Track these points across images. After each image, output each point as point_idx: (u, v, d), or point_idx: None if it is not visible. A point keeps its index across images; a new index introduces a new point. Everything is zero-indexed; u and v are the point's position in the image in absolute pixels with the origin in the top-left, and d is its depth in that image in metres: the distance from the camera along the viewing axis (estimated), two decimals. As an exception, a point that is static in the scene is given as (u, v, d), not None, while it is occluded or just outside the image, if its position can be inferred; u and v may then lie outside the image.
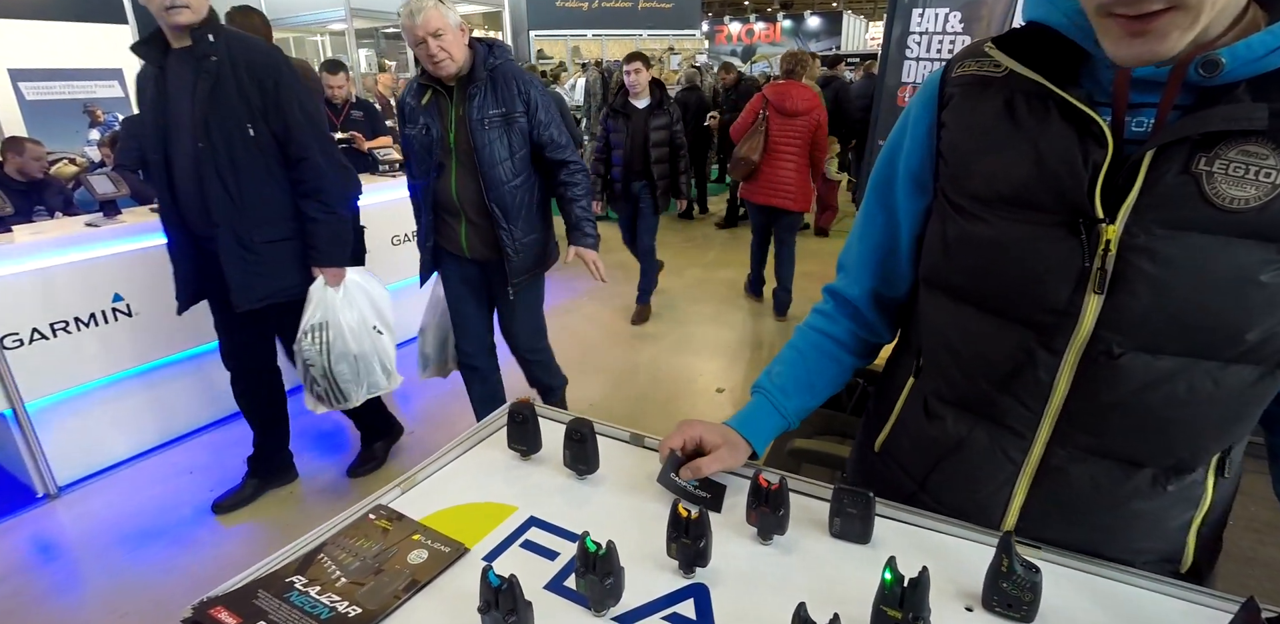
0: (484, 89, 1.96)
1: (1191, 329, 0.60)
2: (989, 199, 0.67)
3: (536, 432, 0.87)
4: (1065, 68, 0.63)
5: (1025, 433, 0.70)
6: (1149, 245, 0.59)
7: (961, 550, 0.72)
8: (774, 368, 0.89)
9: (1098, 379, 0.64)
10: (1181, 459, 0.66)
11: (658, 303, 4.43)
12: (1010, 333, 0.67)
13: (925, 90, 0.74)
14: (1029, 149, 0.64)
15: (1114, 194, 0.60)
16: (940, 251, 0.73)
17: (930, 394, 0.78)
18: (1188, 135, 0.57)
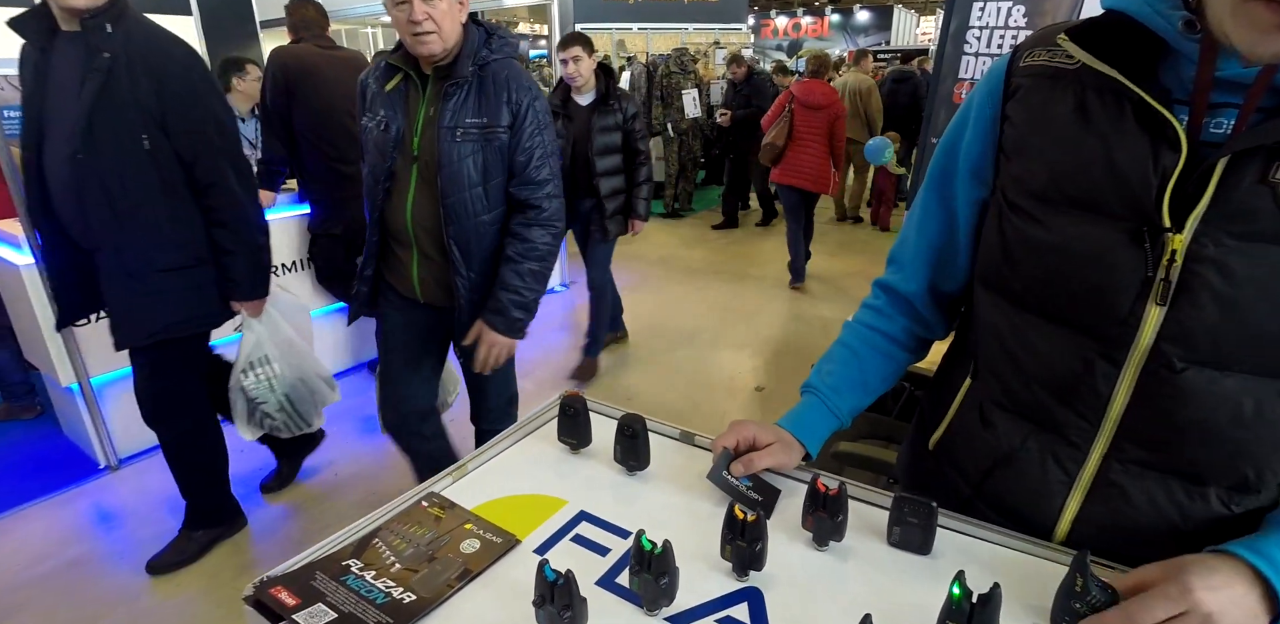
0: (467, 88, 1.48)
1: (1261, 346, 0.57)
2: (1052, 200, 0.65)
3: (587, 425, 0.86)
4: (1144, 62, 0.60)
5: (1081, 444, 0.67)
6: (1218, 257, 0.56)
7: (1026, 565, 0.69)
8: (824, 366, 0.87)
9: (1158, 393, 0.61)
10: (1246, 478, 0.63)
11: (705, 298, 4.40)
12: (1069, 341, 0.65)
13: (989, 79, 0.71)
14: (1099, 150, 0.61)
15: (1184, 202, 0.57)
16: (999, 253, 0.71)
17: (985, 399, 0.76)
18: (1265, 143, 0.53)
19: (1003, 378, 0.73)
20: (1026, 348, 0.70)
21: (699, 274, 4.98)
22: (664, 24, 10.38)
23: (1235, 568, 0.55)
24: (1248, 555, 0.55)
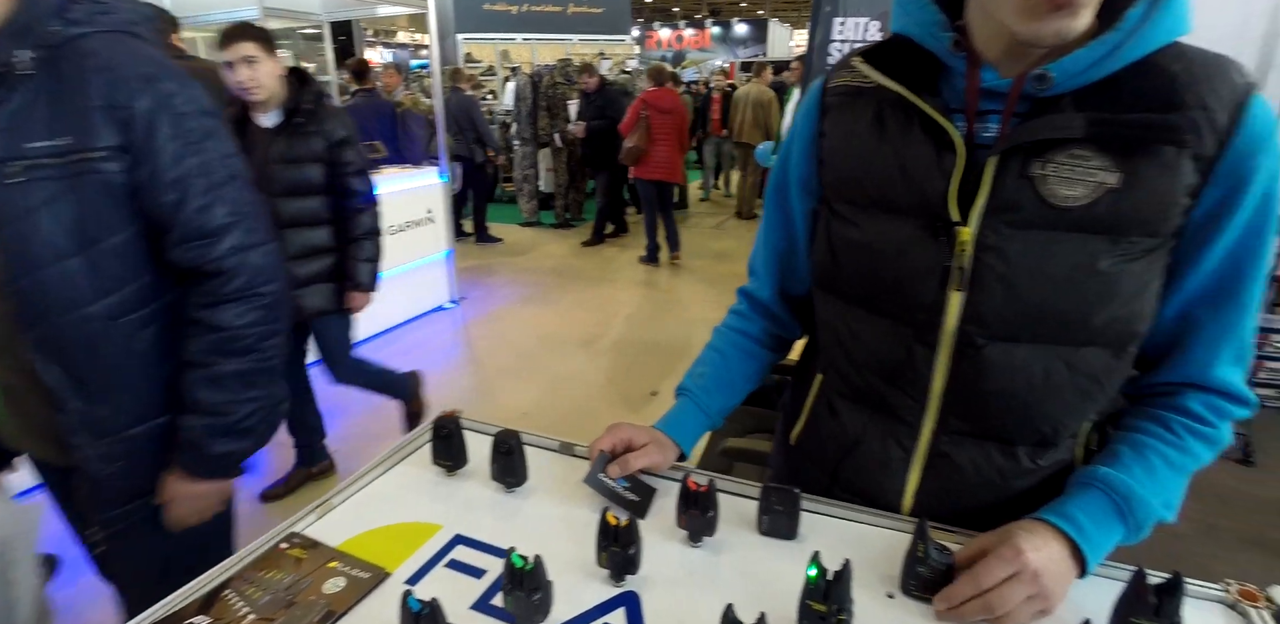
0: (24, 90, 0.83)
1: (1042, 318, 0.64)
2: (861, 204, 0.72)
3: (462, 446, 0.84)
4: (925, 78, 0.67)
5: (913, 422, 0.74)
6: (998, 244, 0.64)
7: (881, 539, 0.74)
8: (696, 369, 0.91)
9: (967, 369, 0.69)
10: (1045, 435, 0.71)
11: (600, 306, 4.43)
12: (890, 330, 0.72)
13: (808, 100, 0.78)
14: (894, 158, 0.68)
15: (967, 198, 0.64)
16: (827, 255, 0.77)
17: (831, 391, 0.82)
18: (1021, 143, 0.61)
19: (842, 369, 0.80)
20: (857, 339, 0.76)
21: (593, 283, 5.00)
22: (548, 35, 10.39)
23: (1049, 531, 0.63)
24: (1055, 520, 0.63)
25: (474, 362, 3.69)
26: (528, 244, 6.06)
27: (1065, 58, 0.60)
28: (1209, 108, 0.59)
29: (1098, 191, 0.60)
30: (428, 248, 4.19)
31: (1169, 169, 0.60)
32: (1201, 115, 0.59)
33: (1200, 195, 0.61)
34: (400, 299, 4.05)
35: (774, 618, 0.60)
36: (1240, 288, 0.65)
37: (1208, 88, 0.59)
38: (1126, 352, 0.68)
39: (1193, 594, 0.66)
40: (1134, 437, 0.69)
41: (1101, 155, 0.60)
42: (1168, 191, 0.60)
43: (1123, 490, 0.64)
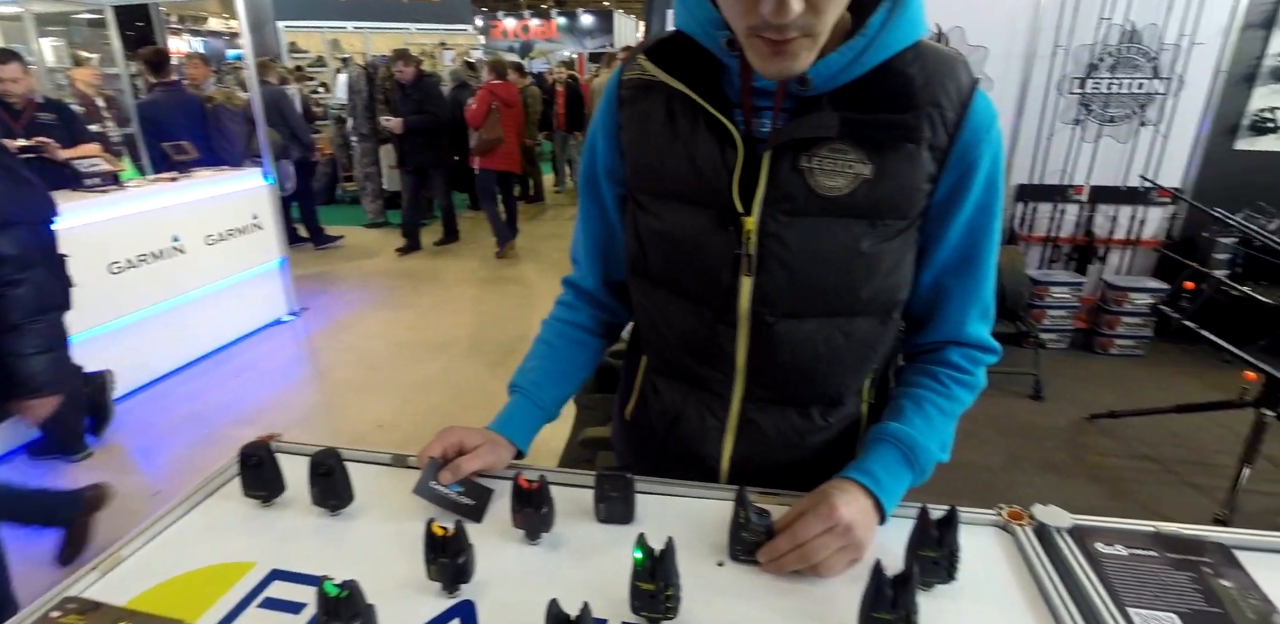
0: None
1: (819, 295, 0.72)
2: (662, 196, 0.75)
3: (276, 473, 0.78)
4: (707, 74, 0.70)
5: (723, 394, 0.80)
6: (777, 231, 0.69)
7: (711, 510, 0.77)
8: (527, 364, 0.91)
9: (764, 344, 0.75)
10: (832, 396, 0.80)
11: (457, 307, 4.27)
12: (696, 312, 0.77)
13: (607, 92, 0.79)
14: (685, 152, 0.71)
15: (749, 190, 0.69)
16: (635, 242, 0.80)
17: (652, 370, 0.87)
18: (789, 139, 0.67)
19: (659, 349, 0.84)
20: (668, 321, 0.80)
21: (448, 283, 4.83)
22: (383, 23, 9.76)
23: (855, 487, 0.69)
24: (859, 477, 0.70)
25: (319, 376, 3.45)
26: (374, 246, 5.72)
27: (820, 62, 0.64)
28: (940, 105, 0.67)
29: (855, 182, 0.67)
30: (256, 257, 3.85)
31: (911, 161, 0.68)
32: (935, 112, 0.67)
33: (938, 181, 0.70)
34: (228, 315, 3.70)
35: (611, 602, 0.62)
36: (978, 258, 0.75)
37: (939, 87, 0.67)
38: (891, 318, 0.77)
39: (972, 521, 0.75)
40: (912, 391, 0.79)
41: (856, 149, 0.67)
42: (911, 180, 0.68)
43: (908, 441, 0.73)
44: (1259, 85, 3.38)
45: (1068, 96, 3.49)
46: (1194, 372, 3.26)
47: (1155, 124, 3.46)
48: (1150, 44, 3.35)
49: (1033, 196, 3.66)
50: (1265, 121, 3.40)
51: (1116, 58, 3.40)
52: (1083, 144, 3.54)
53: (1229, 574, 0.66)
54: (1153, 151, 3.49)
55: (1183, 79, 3.38)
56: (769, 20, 0.57)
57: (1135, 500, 2.36)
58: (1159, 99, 3.43)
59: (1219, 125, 3.44)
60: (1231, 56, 3.32)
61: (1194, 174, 3.51)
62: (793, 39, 0.59)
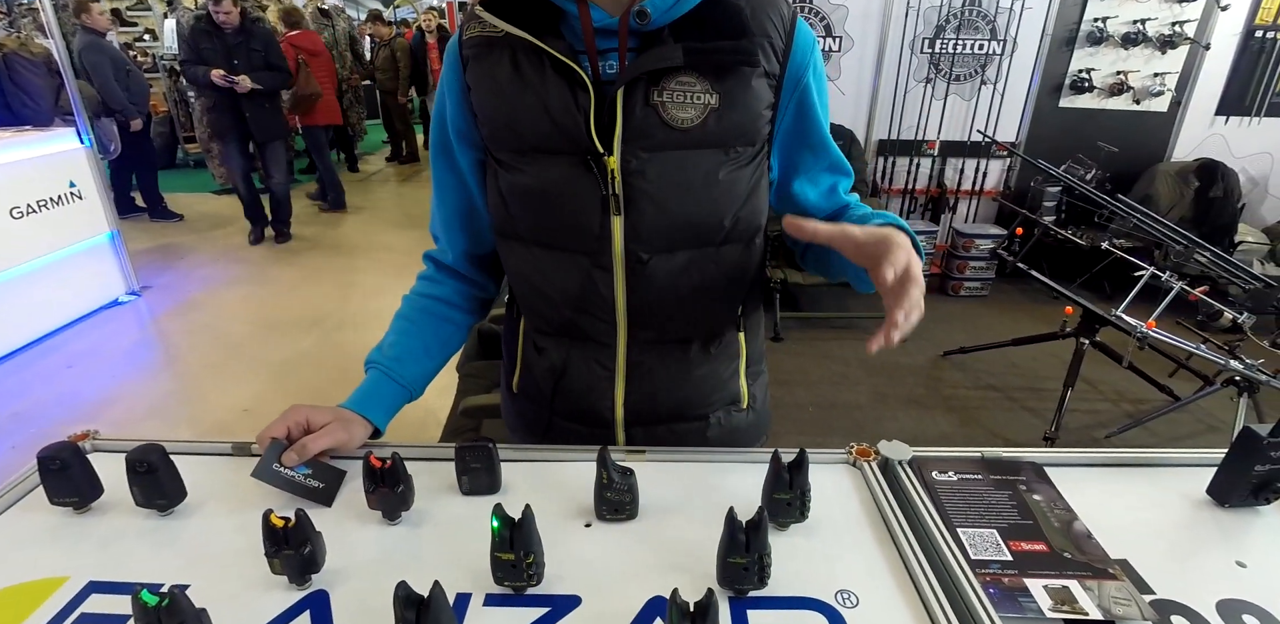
0: None
1: (686, 227, 0.74)
2: (523, 151, 0.74)
3: (87, 475, 0.69)
4: (546, 22, 0.69)
5: (608, 342, 0.80)
6: (639, 168, 0.70)
7: (580, 473, 0.76)
8: (386, 340, 0.87)
9: (640, 283, 0.76)
10: (713, 328, 0.83)
11: (328, 278, 3.99)
12: (572, 262, 0.76)
13: (449, 54, 0.77)
14: (538, 102, 0.70)
15: (606, 131, 0.69)
16: (500, 203, 0.78)
17: (532, 331, 0.86)
18: (638, 75, 0.68)
19: (538, 309, 0.83)
20: (544, 277, 0.79)
21: (320, 253, 4.50)
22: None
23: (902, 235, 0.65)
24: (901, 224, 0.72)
25: (171, 362, 3.14)
26: (227, 215, 5.17)
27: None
28: (769, 35, 0.70)
29: (705, 112, 0.69)
30: (79, 231, 3.40)
31: (750, 88, 0.70)
32: (764, 41, 0.70)
33: (777, 107, 0.74)
34: (51, 299, 3.27)
35: (476, 575, 0.61)
36: (839, 159, 0.81)
37: (766, 17, 0.70)
38: (754, 244, 0.80)
39: (825, 461, 0.79)
40: (851, 212, 0.82)
41: (702, 80, 0.69)
42: (754, 107, 0.71)
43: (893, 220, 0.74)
44: (1078, 48, 3.71)
45: (919, 56, 3.68)
46: (1029, 308, 3.65)
47: (993, 83, 3.74)
48: (989, 7, 3.58)
49: (891, 151, 3.88)
50: (1083, 81, 3.76)
51: (960, 19, 3.61)
52: (934, 102, 3.77)
53: (1040, 489, 0.74)
54: (991, 109, 3.78)
55: (1015, 41, 3.65)
56: None
57: (983, 426, 2.63)
58: (996, 59, 3.69)
59: (1046, 84, 3.77)
60: (1055, 21, 3.62)
61: (1025, 129, 3.85)
62: None
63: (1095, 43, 3.68)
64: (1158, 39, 3.66)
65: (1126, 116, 3.82)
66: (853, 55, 3.68)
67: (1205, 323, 3.03)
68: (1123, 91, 3.76)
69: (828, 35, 3.63)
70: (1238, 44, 3.69)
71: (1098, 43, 3.68)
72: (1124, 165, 3.73)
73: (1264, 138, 3.87)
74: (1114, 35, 3.66)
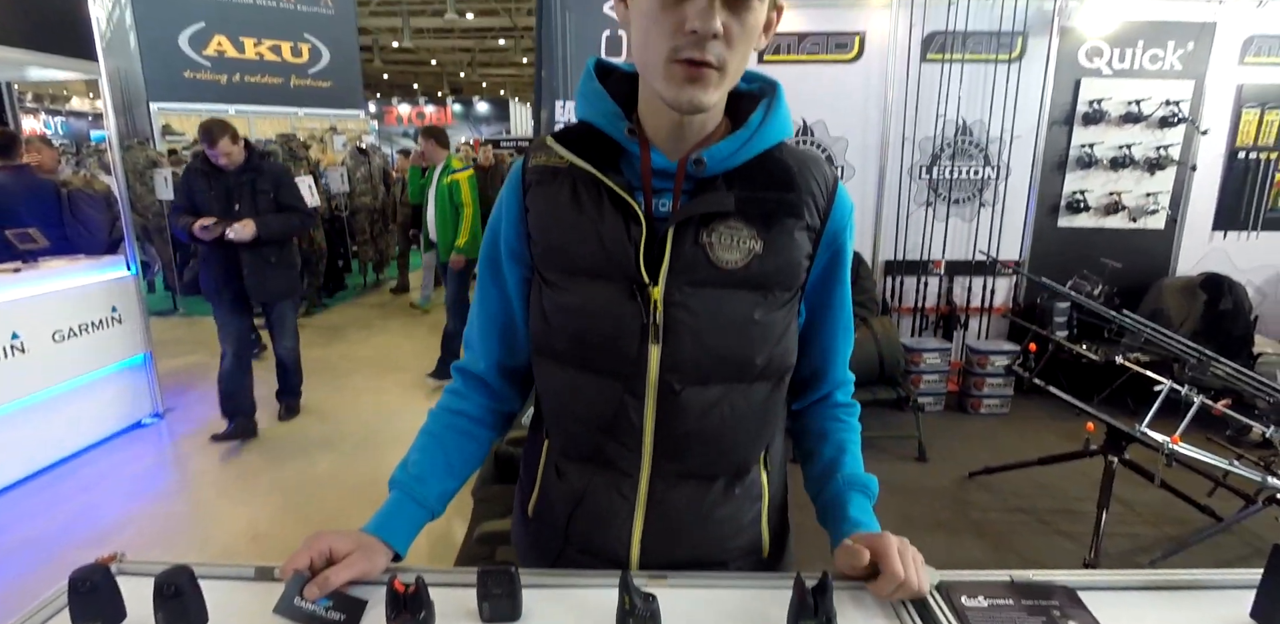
0: None
1: (721, 361, 0.77)
2: (569, 271, 0.79)
3: (114, 599, 0.70)
4: (610, 159, 0.78)
5: (631, 471, 0.81)
6: (681, 301, 0.75)
7: (602, 599, 0.75)
8: (410, 457, 0.88)
9: (671, 413, 0.78)
10: (739, 465, 0.84)
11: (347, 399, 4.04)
12: (604, 385, 0.78)
13: (511, 178, 0.84)
14: (592, 230, 0.76)
15: (654, 263, 0.75)
16: (542, 320, 0.82)
17: (556, 454, 0.86)
18: (690, 216, 0.74)
19: (566, 430, 0.84)
20: (576, 398, 0.81)
21: (334, 374, 4.57)
22: (268, 107, 9.64)
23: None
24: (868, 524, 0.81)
25: (185, 486, 3.11)
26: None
27: (713, 147, 0.74)
28: (813, 193, 0.78)
29: (749, 256, 0.75)
30: (115, 354, 3.52)
31: (792, 238, 0.77)
32: (808, 198, 0.78)
33: (814, 259, 0.81)
34: (79, 420, 3.31)
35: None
36: (850, 320, 0.88)
37: (811, 177, 0.78)
38: (783, 383, 0.84)
39: (851, 586, 0.77)
40: (832, 437, 0.90)
41: (749, 226, 0.75)
42: (794, 255, 0.78)
43: (862, 482, 0.85)
44: (1069, 171, 3.96)
45: (918, 181, 3.94)
46: (1053, 425, 3.57)
47: (992, 205, 3.95)
48: (980, 137, 3.88)
49: (898, 271, 4.02)
50: (1078, 202, 3.97)
51: (955, 148, 3.90)
52: (935, 223, 3.97)
53: (1075, 615, 0.71)
54: (993, 229, 3.97)
55: (1009, 167, 3.91)
56: (698, 28, 0.65)
57: (1016, 552, 2.49)
58: (992, 183, 3.93)
59: (1043, 205, 3.98)
60: (1044, 148, 3.90)
61: (1028, 248, 4.00)
62: (707, 66, 0.68)
63: (1085, 166, 3.92)
64: (1145, 162, 3.88)
65: (1125, 234, 3.97)
66: (855, 182, 3.94)
67: (1236, 437, 2.95)
68: (1118, 211, 3.94)
69: (830, 165, 3.92)
70: (1223, 164, 3.91)
71: (1087, 166, 3.91)
72: (1129, 280, 3.83)
73: (1265, 251, 3.98)
74: (1102, 159, 3.89)
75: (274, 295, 3.45)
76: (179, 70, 9.19)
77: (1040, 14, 3.71)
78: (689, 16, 0.65)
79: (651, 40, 0.69)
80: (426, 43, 18.77)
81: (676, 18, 0.66)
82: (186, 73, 9.27)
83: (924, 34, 3.73)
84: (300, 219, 3.44)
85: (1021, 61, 3.77)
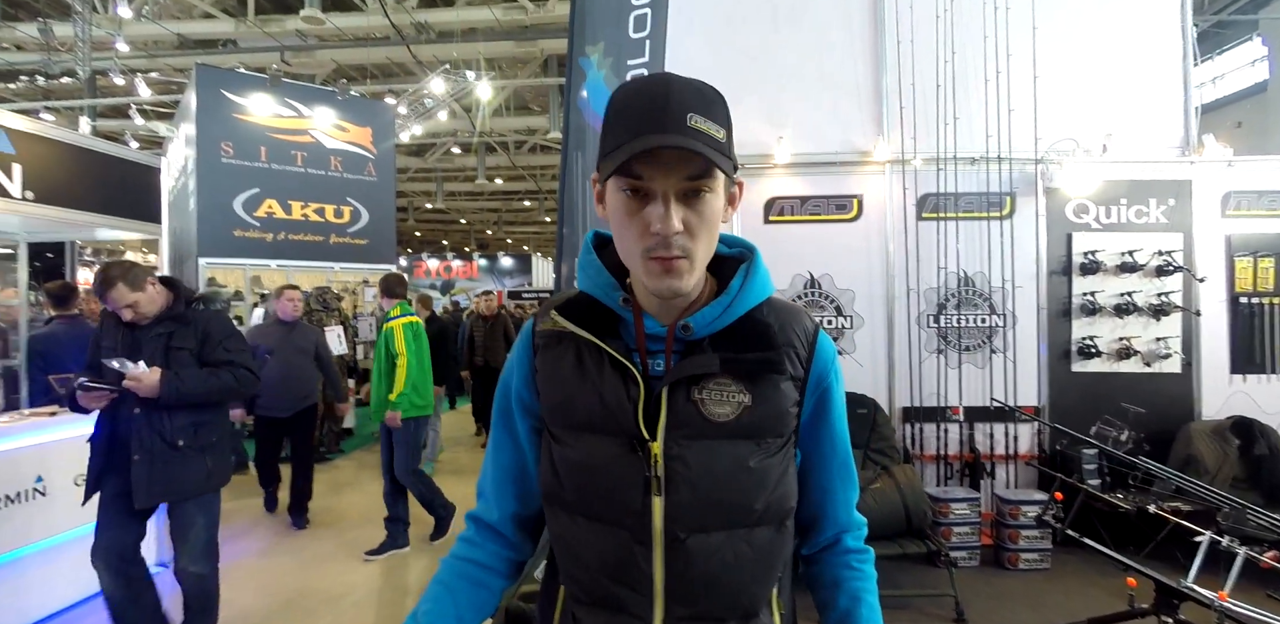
0: None
1: (720, 508, 0.81)
2: (575, 428, 0.85)
3: None
4: (607, 324, 0.87)
5: (644, 615, 0.82)
6: (679, 454, 0.80)
7: None
8: (420, 607, 0.89)
9: (678, 559, 0.80)
10: (747, 608, 0.84)
11: (345, 556, 3.86)
12: (613, 534, 0.82)
13: (522, 339, 0.94)
14: (594, 391, 0.84)
15: (652, 419, 0.81)
16: (551, 472, 0.87)
17: (570, 600, 0.87)
18: (681, 377, 0.82)
19: (577, 576, 0.86)
20: (586, 546, 0.84)
21: (342, 528, 4.38)
22: (307, 262, 10.36)
23: None
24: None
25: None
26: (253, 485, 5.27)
27: (698, 313, 0.83)
28: (794, 345, 0.86)
29: (739, 409, 0.81)
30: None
31: (778, 389, 0.84)
32: (790, 351, 0.85)
33: (802, 405, 0.87)
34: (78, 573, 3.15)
35: None
36: (848, 459, 0.91)
37: (791, 331, 0.87)
38: (785, 527, 0.86)
39: None
40: (846, 587, 0.89)
41: (736, 382, 0.82)
42: (781, 404, 0.84)
43: None
44: (1075, 318, 4.05)
45: (927, 329, 4.06)
46: (1099, 581, 3.30)
47: (1003, 351, 4.02)
48: (982, 286, 4.05)
49: (917, 418, 3.99)
50: (1089, 347, 4.01)
51: (959, 298, 4.06)
52: (949, 370, 4.01)
53: None
54: (1007, 375, 4.00)
55: (1014, 314, 4.04)
56: (659, 230, 0.75)
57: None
58: (1001, 330, 4.03)
59: (1054, 351, 4.04)
60: (1046, 296, 4.04)
61: (1045, 394, 3.99)
62: (677, 259, 0.77)
63: (1089, 313, 4.01)
64: (1149, 308, 3.95)
65: (1142, 378, 3.96)
66: (864, 331, 4.07)
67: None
68: (1130, 355, 3.95)
69: (839, 315, 4.09)
70: (1227, 310, 3.97)
71: (1091, 313, 4.00)
72: (1155, 424, 3.77)
73: (1290, 394, 3.93)
74: (1105, 307, 3.99)
75: (175, 493, 2.34)
76: (230, 229, 10.05)
77: (1024, 176, 4.06)
78: (651, 220, 0.76)
79: (625, 241, 0.80)
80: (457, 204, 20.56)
81: (641, 222, 0.77)
82: (236, 231, 10.13)
83: (918, 196, 4.07)
84: (234, 377, 2.41)
85: (1013, 218, 4.05)
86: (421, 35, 10.13)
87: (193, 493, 2.40)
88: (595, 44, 4.16)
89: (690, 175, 0.76)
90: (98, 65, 10.31)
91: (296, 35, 10.25)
